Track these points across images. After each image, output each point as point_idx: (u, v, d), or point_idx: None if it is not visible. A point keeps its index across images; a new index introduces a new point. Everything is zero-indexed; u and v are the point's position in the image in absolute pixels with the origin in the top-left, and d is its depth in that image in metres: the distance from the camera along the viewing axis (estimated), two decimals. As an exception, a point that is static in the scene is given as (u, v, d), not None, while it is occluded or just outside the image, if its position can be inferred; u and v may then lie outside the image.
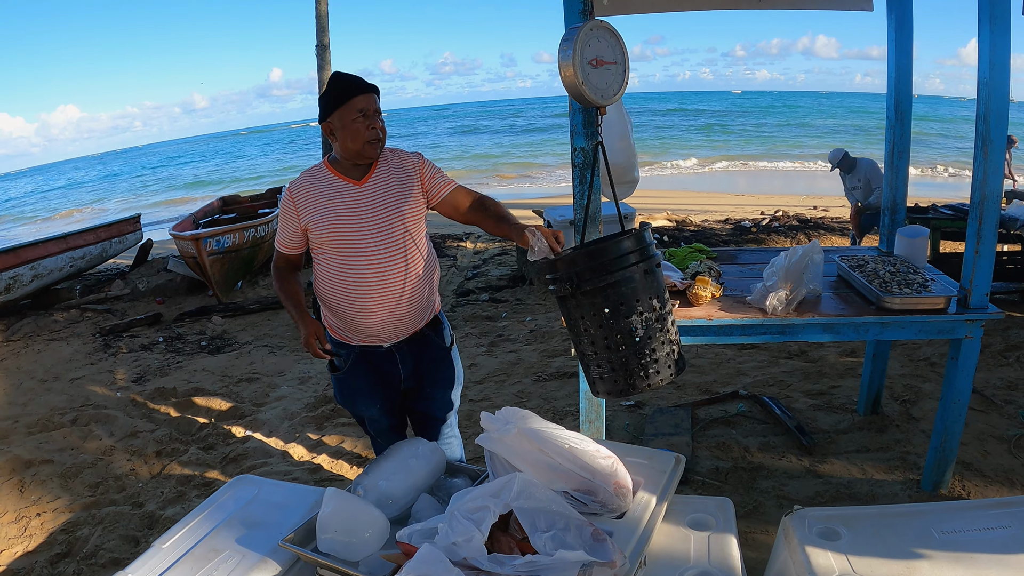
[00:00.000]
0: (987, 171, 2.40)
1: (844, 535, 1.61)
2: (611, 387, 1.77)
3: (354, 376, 2.35)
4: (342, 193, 2.17)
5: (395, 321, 2.24)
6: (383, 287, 2.17)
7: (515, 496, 1.56)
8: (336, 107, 2.10)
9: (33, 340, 6.20)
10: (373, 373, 2.35)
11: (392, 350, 2.31)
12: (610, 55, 1.80)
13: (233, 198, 10.10)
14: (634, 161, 2.79)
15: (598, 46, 1.78)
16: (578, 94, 1.80)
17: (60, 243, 7.26)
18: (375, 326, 2.23)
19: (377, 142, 2.14)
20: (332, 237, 2.16)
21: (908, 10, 2.91)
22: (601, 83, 1.81)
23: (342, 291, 2.19)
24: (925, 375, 3.95)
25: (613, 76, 1.82)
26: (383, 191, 2.18)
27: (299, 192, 2.19)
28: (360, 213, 2.15)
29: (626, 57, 1.84)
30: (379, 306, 2.19)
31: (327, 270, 2.21)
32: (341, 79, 2.14)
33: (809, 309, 2.51)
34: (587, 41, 1.76)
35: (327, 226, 2.15)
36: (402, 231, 2.18)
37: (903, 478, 2.94)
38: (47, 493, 3.42)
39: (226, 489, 2.09)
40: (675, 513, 1.82)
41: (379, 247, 2.15)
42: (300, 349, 5.59)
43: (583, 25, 1.77)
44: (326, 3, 8.91)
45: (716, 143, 26.91)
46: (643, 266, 1.66)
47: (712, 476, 3.03)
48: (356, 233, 2.14)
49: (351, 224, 2.15)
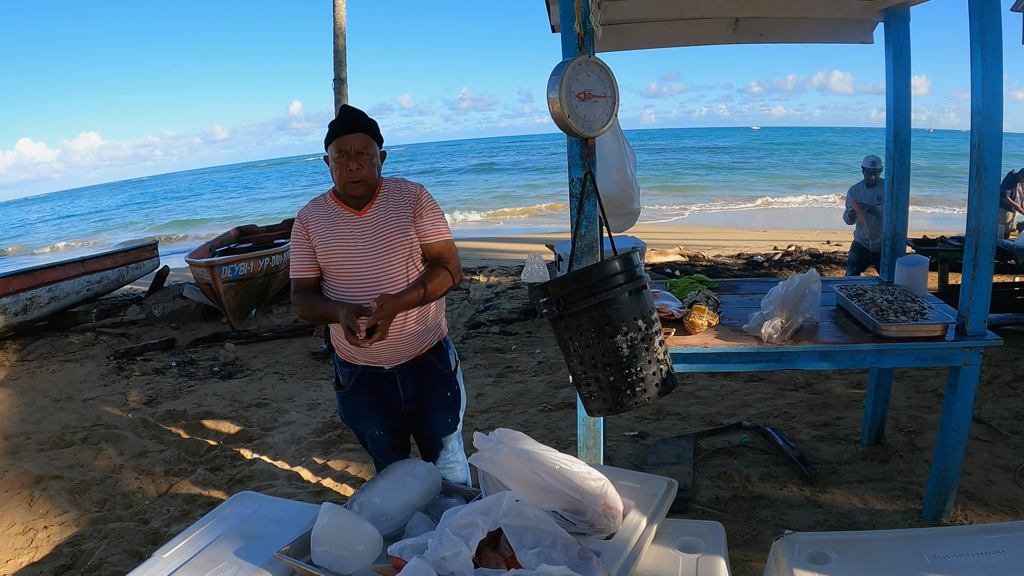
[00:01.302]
0: (982, 198, 2.42)
1: (834, 559, 1.60)
2: (600, 405, 1.80)
3: (356, 394, 2.41)
4: (344, 222, 2.25)
5: (394, 345, 2.29)
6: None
7: (504, 513, 1.59)
8: (327, 143, 2.21)
9: (48, 360, 6.31)
10: (374, 393, 2.40)
11: (393, 372, 2.37)
12: (599, 89, 1.88)
13: (249, 228, 10.28)
14: (632, 193, 2.85)
15: (587, 80, 1.86)
16: (565, 126, 1.88)
17: (78, 266, 7.43)
18: (375, 349, 2.27)
19: (355, 183, 2.19)
20: (334, 263, 2.24)
21: (905, 42, 2.98)
22: (589, 115, 1.87)
23: None
24: (931, 406, 3.92)
25: (602, 109, 1.89)
26: (382, 221, 2.25)
27: (309, 217, 2.29)
28: (359, 242, 2.22)
29: (616, 91, 1.91)
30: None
31: (331, 293, 2.29)
32: (339, 116, 2.24)
33: (805, 337, 2.54)
34: (575, 75, 1.84)
35: (330, 252, 2.24)
36: (402, 260, 2.24)
37: (904, 507, 2.93)
38: (55, 507, 3.48)
39: (227, 504, 2.14)
40: (665, 536, 1.83)
41: (377, 275, 2.22)
42: (310, 376, 5.67)
43: (572, 60, 1.85)
44: (344, 39, 9.16)
45: (734, 180, 26.99)
46: (628, 287, 1.71)
47: (712, 505, 3.02)
48: (356, 261, 2.22)
49: (351, 252, 2.22)
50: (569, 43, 2.10)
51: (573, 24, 2.08)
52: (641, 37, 3.23)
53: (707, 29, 3.32)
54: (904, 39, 2.99)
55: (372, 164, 2.21)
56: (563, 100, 1.81)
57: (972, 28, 2.36)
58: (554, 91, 1.82)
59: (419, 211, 2.28)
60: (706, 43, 3.38)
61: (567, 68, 1.81)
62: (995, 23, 2.30)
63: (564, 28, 2.11)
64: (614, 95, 1.90)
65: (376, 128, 2.27)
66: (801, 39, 3.35)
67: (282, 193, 35.54)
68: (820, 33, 3.32)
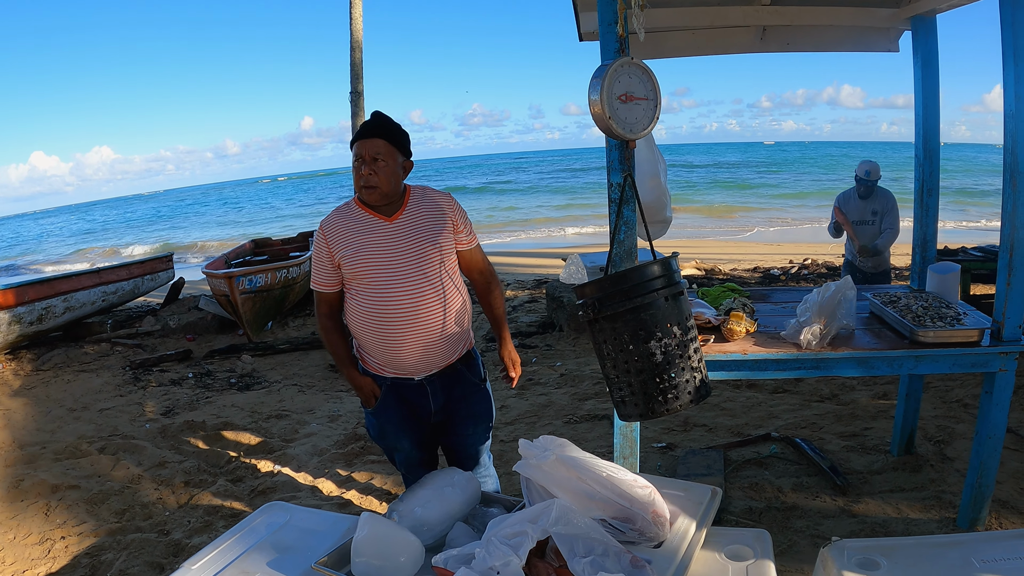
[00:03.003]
0: (1016, 203, 2.40)
1: (883, 565, 1.59)
2: (632, 410, 1.78)
3: (385, 408, 2.36)
4: (373, 228, 2.21)
5: (427, 355, 2.26)
6: (416, 321, 2.19)
7: (553, 522, 1.56)
8: (351, 148, 2.21)
9: (63, 370, 6.30)
10: (404, 405, 2.36)
11: (423, 383, 2.33)
12: (640, 91, 1.86)
13: (265, 240, 10.31)
14: (665, 200, 2.83)
15: (628, 82, 1.85)
16: (606, 128, 1.86)
17: (93, 277, 7.45)
18: (407, 359, 2.25)
19: (367, 188, 2.17)
20: (364, 272, 2.19)
21: (934, 50, 2.97)
22: (630, 118, 1.86)
23: (375, 325, 2.22)
24: (958, 416, 3.88)
25: (643, 111, 1.88)
26: (414, 227, 2.22)
27: (330, 228, 2.24)
28: (392, 249, 2.19)
29: (658, 94, 1.90)
30: (411, 340, 2.21)
31: (359, 304, 2.23)
32: (364, 121, 2.23)
33: (842, 344, 2.51)
34: (617, 77, 1.83)
35: (358, 261, 2.19)
36: (435, 266, 2.22)
37: (939, 516, 2.89)
38: (73, 517, 3.45)
39: (257, 515, 2.10)
40: (712, 544, 1.81)
41: (412, 282, 2.18)
42: (329, 388, 5.64)
43: (613, 62, 1.83)
44: (360, 52, 9.23)
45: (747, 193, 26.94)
46: (665, 293, 1.68)
47: (746, 516, 2.98)
48: (388, 268, 2.18)
49: (383, 259, 2.18)
50: (608, 47, 2.09)
51: (613, 27, 2.07)
52: (670, 46, 3.23)
53: (735, 38, 3.32)
54: (932, 47, 2.98)
55: (388, 172, 2.16)
56: (604, 102, 1.80)
57: (1004, 36, 2.35)
58: (595, 93, 1.81)
59: (456, 220, 2.29)
60: (733, 52, 3.37)
61: (608, 70, 1.80)
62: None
63: (603, 32, 2.09)
64: (656, 98, 1.89)
65: (400, 136, 2.22)
66: (827, 48, 3.34)
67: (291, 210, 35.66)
68: (846, 42, 3.31)
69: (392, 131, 2.19)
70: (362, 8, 9.37)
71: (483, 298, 2.47)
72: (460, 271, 2.38)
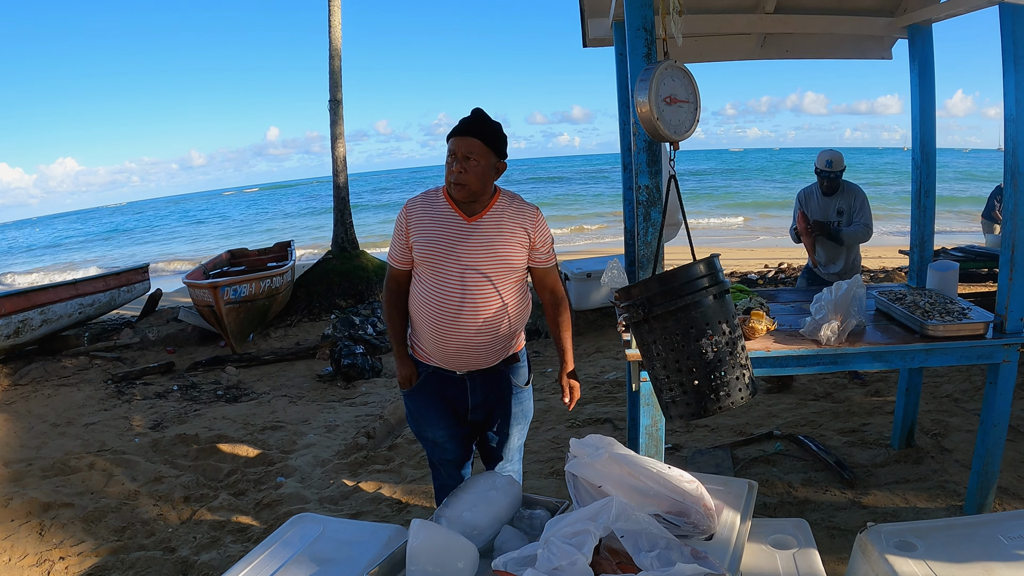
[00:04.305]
0: (1018, 202, 2.51)
1: (920, 546, 1.66)
2: (683, 410, 1.80)
3: (422, 391, 2.39)
4: (449, 222, 2.23)
5: (472, 353, 2.28)
6: (467, 320, 2.22)
7: (614, 519, 1.57)
8: (447, 141, 2.22)
9: (42, 385, 6.12)
10: (441, 396, 2.39)
11: (464, 378, 2.36)
12: (683, 94, 1.90)
13: (241, 251, 10.18)
14: (677, 204, 2.88)
15: (672, 85, 1.88)
16: (653, 129, 1.89)
17: (70, 289, 7.26)
18: (452, 354, 2.28)
19: (457, 185, 2.18)
20: (429, 260, 2.22)
21: (930, 58, 3.08)
22: (675, 120, 1.90)
23: (428, 313, 2.25)
24: (951, 410, 4.00)
25: (686, 114, 1.92)
26: (489, 232, 2.23)
27: (413, 210, 2.28)
28: (461, 247, 2.20)
29: (698, 97, 1.94)
30: (459, 336, 2.24)
31: (419, 289, 2.28)
32: (464, 117, 2.23)
33: (857, 340, 2.58)
34: (663, 79, 1.86)
35: (427, 248, 2.22)
36: (494, 274, 2.22)
37: (945, 504, 2.99)
38: (70, 536, 3.33)
39: (287, 527, 2.04)
40: (755, 535, 1.86)
41: (470, 283, 2.20)
42: (320, 399, 5.59)
43: (659, 64, 1.87)
44: (339, 60, 9.19)
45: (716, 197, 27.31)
46: (713, 291, 1.72)
47: (761, 511, 3.02)
48: (451, 264, 2.20)
49: (449, 254, 2.20)
50: (637, 51, 2.13)
51: (641, 32, 2.11)
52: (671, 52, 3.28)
53: (736, 45, 3.39)
54: (928, 54, 3.09)
55: (479, 171, 2.17)
56: (652, 103, 1.83)
57: (1004, 42, 2.46)
58: (643, 94, 1.84)
59: (535, 235, 2.29)
60: (733, 59, 3.45)
61: (656, 72, 1.83)
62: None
63: (631, 36, 2.13)
64: (696, 101, 1.93)
65: (496, 137, 2.21)
66: (824, 55, 3.44)
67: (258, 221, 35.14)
68: (843, 49, 3.42)
69: (489, 131, 2.20)
70: (340, 16, 9.34)
71: (550, 319, 2.48)
72: (531, 286, 2.41)
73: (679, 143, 1.89)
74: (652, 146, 2.19)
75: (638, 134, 2.15)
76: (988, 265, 6.16)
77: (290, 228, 26.87)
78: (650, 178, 2.21)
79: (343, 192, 9.94)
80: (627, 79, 2.25)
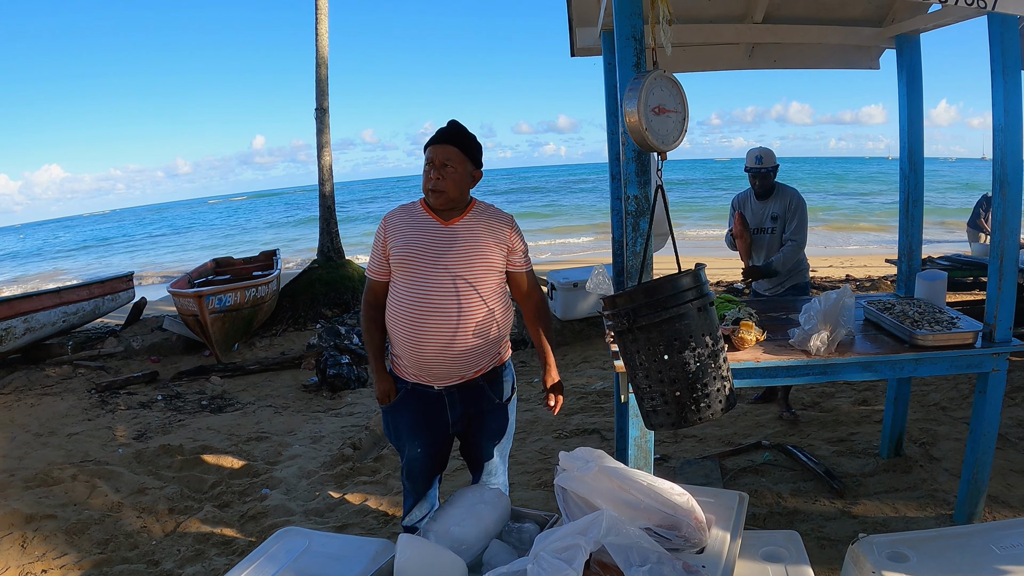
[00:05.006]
0: (1005, 211, 2.53)
1: (912, 557, 1.65)
2: (664, 419, 1.79)
3: (401, 409, 2.39)
4: (427, 228, 2.26)
5: (449, 362, 2.26)
6: (443, 325, 2.21)
7: (605, 532, 1.55)
8: (424, 151, 2.25)
9: (25, 394, 6.02)
10: (420, 412, 2.37)
11: (442, 393, 2.34)
12: (671, 104, 1.90)
13: (226, 260, 10.12)
14: (664, 215, 2.88)
15: (661, 95, 1.88)
16: (641, 139, 1.89)
17: (54, 297, 7.18)
18: (429, 363, 2.26)
19: (434, 192, 2.22)
20: (405, 265, 2.24)
21: (918, 68, 3.10)
22: (663, 130, 1.89)
23: (404, 320, 2.24)
24: (939, 419, 4.01)
25: (674, 124, 1.91)
26: (465, 237, 2.25)
27: (391, 220, 2.31)
28: (438, 251, 2.22)
29: (686, 107, 1.93)
30: (435, 343, 2.23)
31: (395, 297, 2.28)
32: (441, 127, 2.28)
33: (847, 349, 2.58)
34: (651, 89, 1.85)
35: (404, 253, 2.24)
36: (470, 278, 2.23)
37: (935, 514, 2.99)
38: (52, 549, 3.27)
39: (273, 541, 2.01)
40: (747, 548, 1.84)
41: (447, 287, 2.20)
42: (306, 409, 5.53)
43: (649, 74, 1.86)
44: (326, 68, 9.16)
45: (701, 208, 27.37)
46: (697, 303, 1.71)
47: (751, 522, 3.01)
48: (428, 268, 2.21)
49: (426, 258, 2.22)
50: (626, 60, 2.13)
51: (630, 41, 2.11)
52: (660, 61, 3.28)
53: (725, 55, 3.41)
54: (916, 64, 3.11)
55: (456, 178, 2.22)
56: (641, 113, 1.82)
57: (993, 52, 2.47)
58: (632, 104, 1.83)
59: (512, 241, 2.32)
60: (722, 68, 3.46)
61: (645, 82, 1.82)
62: (1015, 47, 2.42)
63: (620, 46, 2.13)
64: (684, 111, 1.92)
65: (472, 146, 2.28)
66: (812, 65, 3.46)
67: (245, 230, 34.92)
68: (831, 59, 3.44)
69: (466, 140, 2.26)
70: (328, 24, 9.32)
71: (530, 324, 2.49)
72: (510, 293, 2.42)
73: (667, 153, 1.88)
74: (641, 156, 2.19)
75: (627, 144, 2.14)
76: (974, 274, 6.21)
77: (275, 238, 26.73)
78: (639, 188, 2.21)
79: (329, 201, 9.91)
80: (616, 89, 2.25)
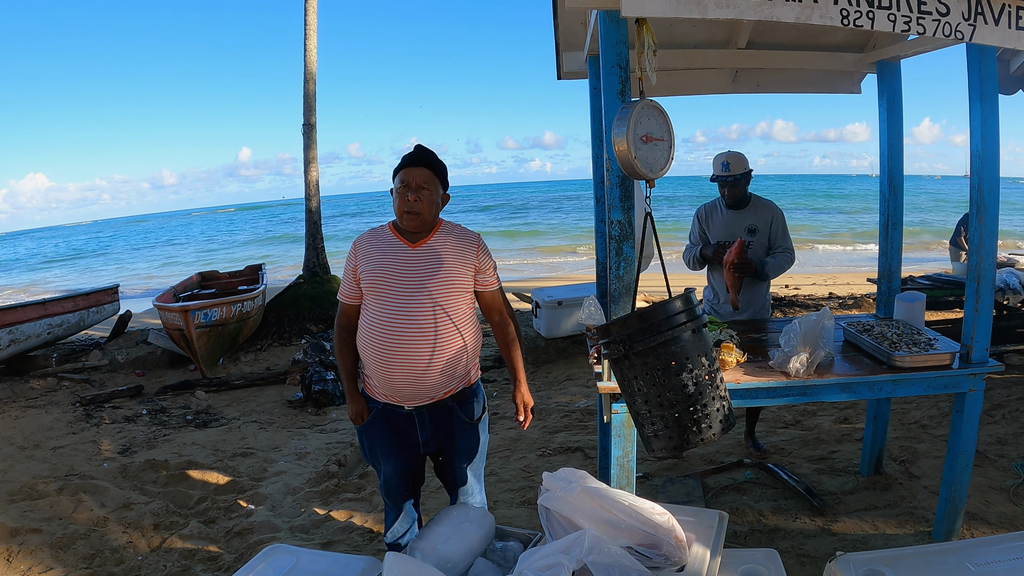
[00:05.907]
0: (983, 235, 2.59)
1: (888, 574, 1.68)
2: (665, 443, 1.82)
3: (373, 430, 2.45)
4: (394, 251, 2.30)
5: (417, 383, 2.29)
6: (411, 346, 2.25)
7: (587, 551, 1.59)
8: (394, 175, 2.31)
9: (9, 406, 5.98)
10: (392, 432, 2.42)
11: (412, 413, 2.38)
12: (658, 132, 1.95)
13: (211, 274, 10.09)
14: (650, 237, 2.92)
15: (648, 123, 1.93)
16: (630, 167, 1.94)
17: (39, 309, 7.14)
18: (398, 383, 2.29)
19: (410, 214, 2.27)
20: (374, 287, 2.28)
21: (898, 92, 3.18)
22: (650, 158, 1.94)
23: (374, 342, 2.28)
24: (918, 436, 4.08)
25: (660, 152, 1.96)
26: (434, 257, 2.29)
27: (361, 244, 2.36)
28: (405, 272, 2.27)
29: (672, 135, 1.99)
30: (404, 364, 2.26)
31: (366, 319, 2.32)
32: (411, 151, 2.33)
33: (826, 371, 2.63)
34: (640, 118, 1.91)
35: (373, 276, 2.28)
36: (440, 298, 2.27)
37: (914, 531, 3.04)
38: (38, 563, 3.25)
39: (260, 559, 2.01)
40: (727, 565, 1.87)
41: (415, 308, 2.24)
42: (291, 425, 5.53)
43: (637, 103, 1.92)
44: (314, 84, 9.19)
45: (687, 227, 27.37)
46: (691, 325, 1.75)
47: (732, 540, 3.05)
48: (397, 289, 2.25)
49: (394, 280, 2.26)
50: (611, 88, 2.18)
51: (615, 69, 2.16)
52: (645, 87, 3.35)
53: (708, 79, 3.49)
54: (897, 89, 3.19)
55: (430, 200, 2.27)
56: (630, 141, 1.87)
57: (971, 79, 2.54)
58: (621, 132, 1.88)
59: (479, 260, 2.37)
60: (706, 92, 3.54)
61: (633, 111, 1.88)
62: (992, 74, 2.49)
63: (606, 74, 2.18)
64: (670, 139, 1.98)
65: (442, 169, 2.35)
66: (794, 90, 3.54)
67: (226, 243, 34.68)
68: (813, 84, 3.52)
69: (437, 163, 2.34)
70: (316, 40, 9.37)
71: (500, 340, 2.54)
72: (478, 312, 2.46)
73: (654, 181, 1.93)
74: (625, 182, 2.24)
75: (611, 169, 2.19)
76: (955, 293, 6.31)
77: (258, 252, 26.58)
78: (622, 213, 2.25)
79: (315, 216, 9.90)
80: (601, 113, 2.30)
